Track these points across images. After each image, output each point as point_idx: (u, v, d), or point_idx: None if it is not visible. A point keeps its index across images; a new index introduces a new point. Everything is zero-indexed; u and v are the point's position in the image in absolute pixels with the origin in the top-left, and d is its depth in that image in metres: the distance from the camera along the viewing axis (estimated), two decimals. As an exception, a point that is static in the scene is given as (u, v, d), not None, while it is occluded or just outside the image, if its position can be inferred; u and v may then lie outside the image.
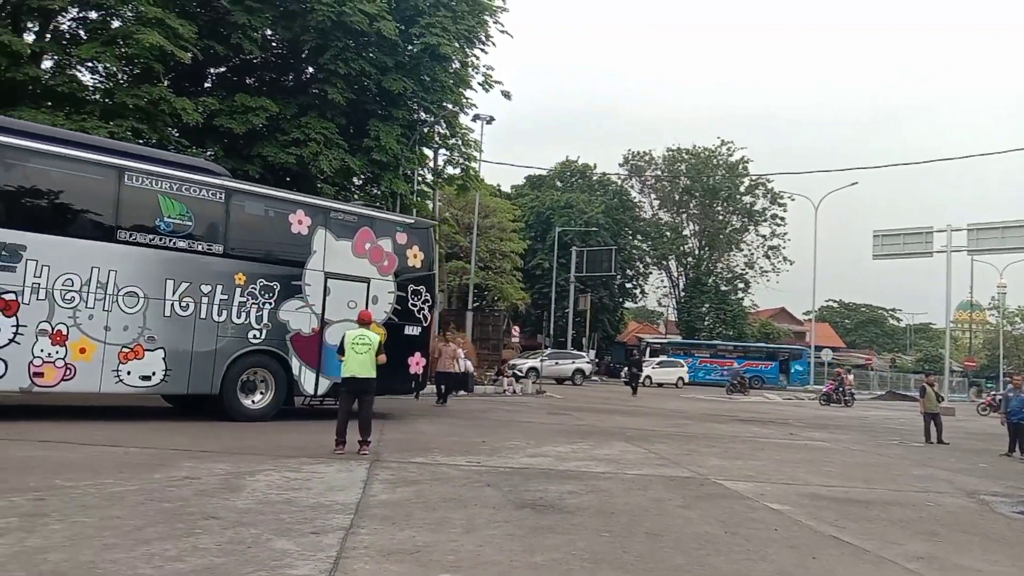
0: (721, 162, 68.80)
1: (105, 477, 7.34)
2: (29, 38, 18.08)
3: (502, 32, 24.12)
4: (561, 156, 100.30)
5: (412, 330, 14.94)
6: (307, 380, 13.56)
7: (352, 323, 13.12)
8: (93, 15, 18.97)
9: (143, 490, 6.90)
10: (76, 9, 19.12)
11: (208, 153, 19.64)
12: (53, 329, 10.97)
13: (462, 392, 23.44)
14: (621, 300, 68.21)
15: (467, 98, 24.55)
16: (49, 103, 17.56)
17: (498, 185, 57.49)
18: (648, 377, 42.11)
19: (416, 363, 15.02)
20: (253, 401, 13.04)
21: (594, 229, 57.51)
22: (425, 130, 24.63)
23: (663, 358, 48.87)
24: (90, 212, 11.68)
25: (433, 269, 15.57)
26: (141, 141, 16.63)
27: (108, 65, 17.96)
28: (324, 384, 13.72)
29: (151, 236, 11.91)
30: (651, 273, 71.70)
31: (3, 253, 10.63)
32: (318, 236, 13.75)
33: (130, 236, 11.74)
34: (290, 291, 13.36)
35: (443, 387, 19.45)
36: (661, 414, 22.04)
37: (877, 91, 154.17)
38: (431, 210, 28.52)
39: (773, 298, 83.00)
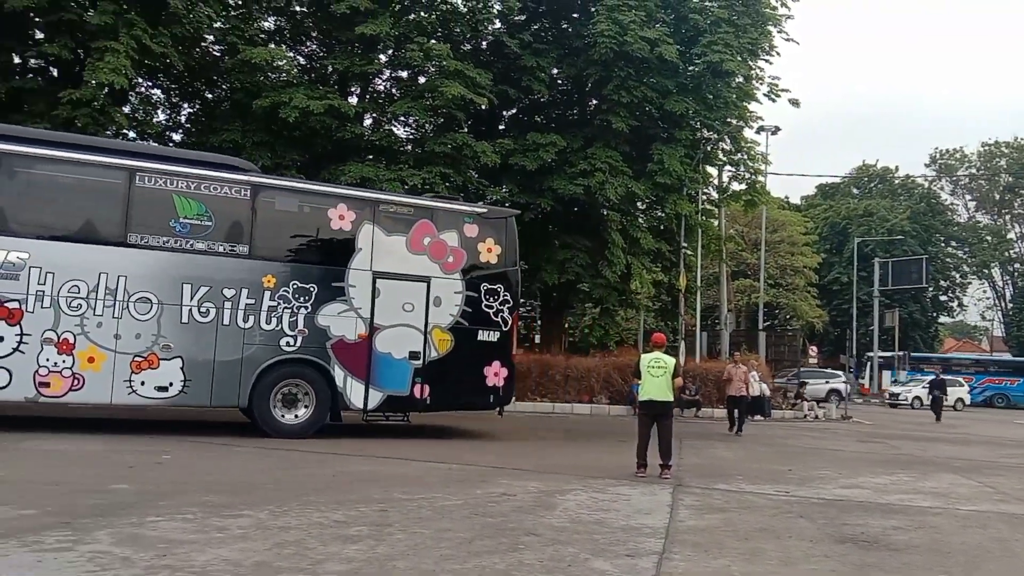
0: (1051, 153, 60.35)
1: (435, 491, 8.06)
2: (352, 100, 20.69)
3: (787, 40, 23.22)
4: (856, 161, 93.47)
5: (487, 335, 13.13)
6: (354, 392, 12.16)
7: (408, 327, 12.53)
8: (403, 74, 21.32)
9: (468, 504, 7.49)
10: (389, 71, 21.65)
11: (504, 191, 21.03)
12: (59, 338, 10.60)
13: (758, 417, 22.63)
14: (935, 315, 61.88)
15: (751, 111, 23.88)
16: (370, 156, 19.95)
17: (786, 197, 55.11)
18: (918, 398, 36.86)
19: (494, 373, 13.16)
20: (296, 416, 11.96)
21: (899, 238, 52.92)
22: (709, 148, 24.31)
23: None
24: (97, 216, 11.32)
25: (514, 265, 13.75)
26: (448, 184, 18.22)
27: (418, 117, 19.96)
28: (376, 397, 12.31)
29: (164, 239, 11.26)
30: (970, 284, 64.63)
31: (5, 262, 10.45)
32: (364, 232, 12.45)
33: (141, 239, 11.16)
34: (331, 293, 12.12)
35: (735, 412, 18.78)
36: (992, 442, 19.54)
37: None
38: (716, 228, 27.92)
39: None
